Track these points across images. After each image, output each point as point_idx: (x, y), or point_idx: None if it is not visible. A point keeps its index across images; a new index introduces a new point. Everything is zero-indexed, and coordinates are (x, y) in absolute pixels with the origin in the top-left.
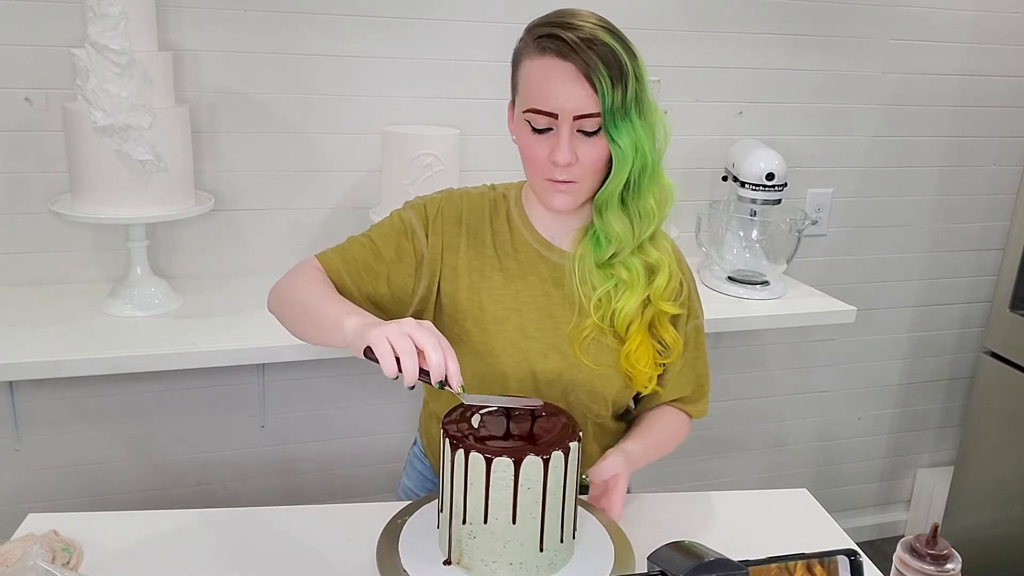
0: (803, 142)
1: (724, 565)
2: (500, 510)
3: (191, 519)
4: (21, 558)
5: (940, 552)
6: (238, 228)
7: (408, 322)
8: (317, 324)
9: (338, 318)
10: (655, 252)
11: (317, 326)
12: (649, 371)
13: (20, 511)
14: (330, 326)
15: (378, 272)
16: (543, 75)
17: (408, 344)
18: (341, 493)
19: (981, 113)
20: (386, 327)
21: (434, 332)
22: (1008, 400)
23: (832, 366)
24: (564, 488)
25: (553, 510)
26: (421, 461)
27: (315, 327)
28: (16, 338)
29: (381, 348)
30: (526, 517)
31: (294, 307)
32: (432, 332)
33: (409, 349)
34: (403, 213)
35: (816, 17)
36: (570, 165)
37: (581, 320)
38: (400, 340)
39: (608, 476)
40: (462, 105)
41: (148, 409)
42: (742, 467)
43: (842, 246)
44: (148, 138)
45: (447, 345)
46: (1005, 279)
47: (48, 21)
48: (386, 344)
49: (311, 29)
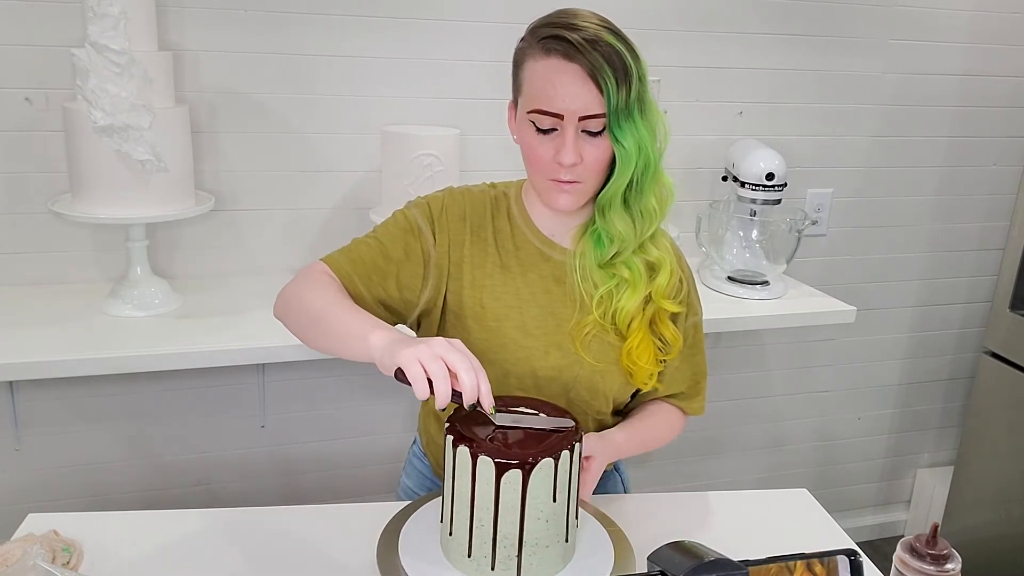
0: (803, 142)
1: (724, 565)
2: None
3: (191, 519)
4: (21, 558)
5: (940, 552)
6: (238, 228)
7: (439, 343)
8: (336, 336)
9: (362, 333)
10: (656, 251)
11: (336, 338)
12: (650, 368)
13: (20, 511)
14: (352, 340)
15: (387, 272)
16: (548, 76)
17: (440, 367)
18: (341, 493)
19: (981, 113)
20: (416, 348)
21: (465, 353)
22: (1008, 400)
23: (832, 366)
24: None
25: (553, 511)
26: (421, 460)
27: (334, 339)
28: (16, 338)
29: (413, 371)
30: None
31: (307, 316)
32: (464, 353)
33: (442, 372)
34: (407, 212)
35: (816, 17)
36: (575, 166)
37: (582, 317)
38: (432, 363)
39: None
40: (462, 105)
41: (148, 409)
42: (742, 467)
43: (842, 246)
44: (148, 138)
45: (479, 366)
46: (1005, 279)
47: (48, 21)
48: (418, 367)
49: (311, 29)
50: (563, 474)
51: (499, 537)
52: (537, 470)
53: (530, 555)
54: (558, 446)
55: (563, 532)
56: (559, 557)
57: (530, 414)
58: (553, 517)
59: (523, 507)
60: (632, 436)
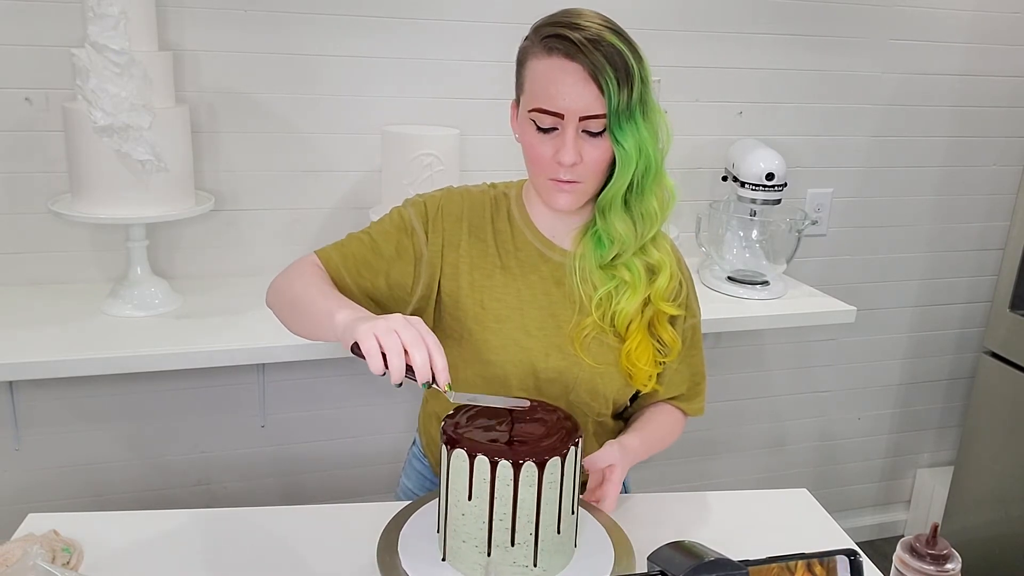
0: (803, 142)
1: (724, 565)
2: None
3: (191, 519)
4: (21, 558)
5: (940, 552)
6: (238, 228)
7: (396, 318)
8: (310, 317)
9: (330, 311)
10: (656, 253)
11: (310, 319)
12: (649, 369)
13: (20, 511)
14: (322, 319)
15: (377, 268)
16: (550, 75)
17: (395, 341)
18: (341, 493)
19: (981, 113)
20: (374, 323)
21: (419, 329)
22: (1008, 400)
23: (832, 366)
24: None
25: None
26: (420, 461)
27: (308, 321)
28: (16, 338)
29: (368, 345)
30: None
31: (289, 301)
32: (416, 329)
33: (396, 347)
34: (403, 210)
35: (816, 17)
36: (575, 165)
37: (582, 319)
38: (387, 337)
39: (604, 465)
40: (462, 105)
41: (148, 409)
42: (742, 467)
43: (842, 246)
44: (148, 138)
45: (433, 342)
46: (1005, 279)
47: (48, 21)
48: (373, 341)
49: (311, 29)
50: (558, 474)
51: (498, 537)
52: (533, 469)
53: (530, 555)
54: (557, 446)
55: (563, 532)
56: (559, 557)
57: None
58: (552, 517)
59: (515, 506)
60: (645, 440)
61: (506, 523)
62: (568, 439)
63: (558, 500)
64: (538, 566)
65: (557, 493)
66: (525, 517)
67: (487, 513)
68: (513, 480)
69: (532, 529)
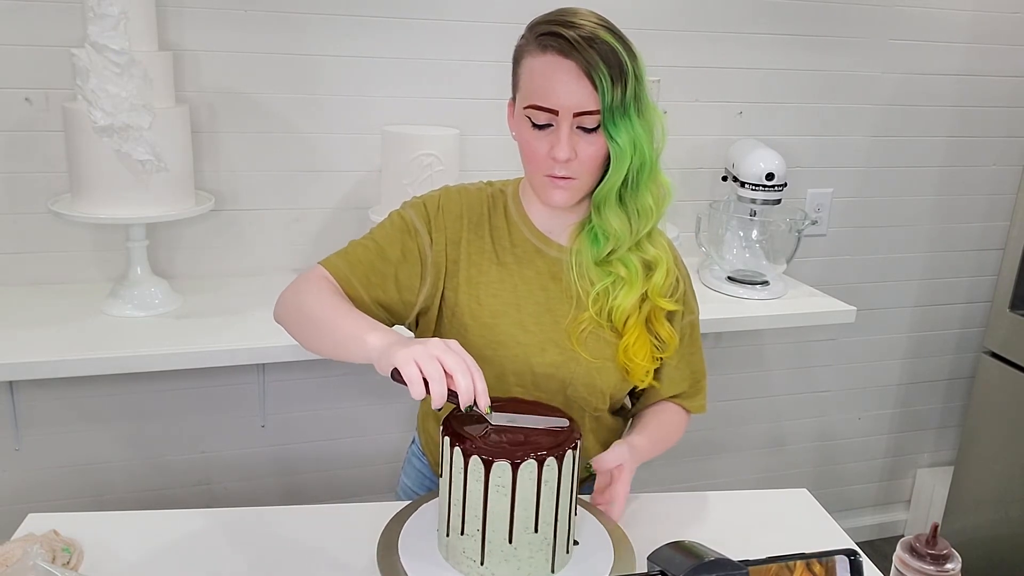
0: (803, 142)
1: (724, 565)
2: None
3: (191, 519)
4: (21, 558)
5: (940, 552)
6: (238, 228)
7: (435, 343)
8: (334, 339)
9: (359, 334)
10: (652, 249)
11: (334, 341)
12: (647, 365)
13: (20, 511)
14: (350, 343)
15: (385, 273)
16: (544, 72)
17: (436, 368)
18: (341, 493)
19: (981, 113)
20: (413, 348)
21: (462, 354)
22: (1008, 400)
23: (832, 366)
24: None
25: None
26: (419, 459)
27: (332, 342)
28: (16, 338)
29: (409, 371)
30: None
31: (306, 320)
32: (460, 354)
33: (438, 374)
34: (403, 213)
35: (816, 17)
36: (569, 161)
37: (578, 314)
38: (428, 364)
39: (612, 466)
40: (462, 105)
41: (148, 409)
42: (742, 467)
43: (842, 246)
44: (148, 138)
45: (475, 366)
46: (1005, 279)
47: (48, 21)
48: (414, 368)
49: (311, 29)
50: (557, 473)
51: (499, 536)
52: (531, 469)
53: (529, 555)
54: (556, 446)
55: (562, 531)
56: (559, 557)
57: (527, 415)
58: (552, 516)
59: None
60: (652, 439)
61: (505, 523)
62: (567, 439)
63: (556, 499)
64: (538, 566)
65: (556, 492)
66: (524, 516)
67: (486, 513)
68: (512, 480)
69: (531, 528)
